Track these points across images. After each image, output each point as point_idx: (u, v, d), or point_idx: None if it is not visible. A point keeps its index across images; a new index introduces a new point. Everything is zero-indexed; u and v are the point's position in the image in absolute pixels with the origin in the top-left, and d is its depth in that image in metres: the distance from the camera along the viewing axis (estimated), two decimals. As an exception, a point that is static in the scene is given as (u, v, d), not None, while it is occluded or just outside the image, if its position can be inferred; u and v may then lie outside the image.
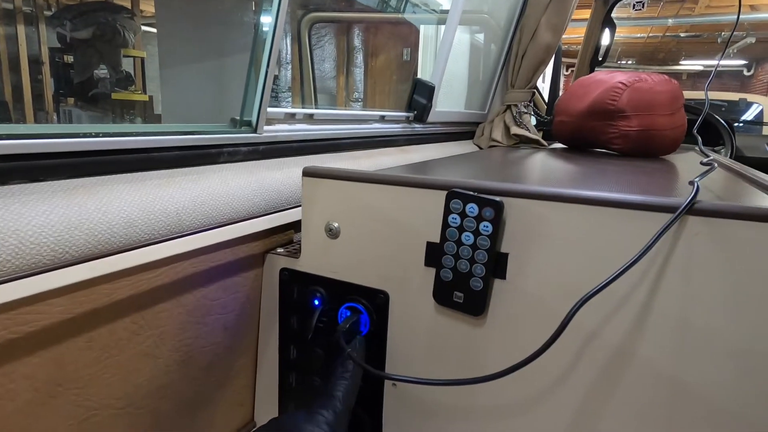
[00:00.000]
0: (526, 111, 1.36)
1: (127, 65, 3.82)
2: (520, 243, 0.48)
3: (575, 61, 2.19)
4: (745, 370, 0.41)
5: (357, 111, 0.84)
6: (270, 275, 0.62)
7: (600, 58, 2.25)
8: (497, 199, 0.46)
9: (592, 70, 2.26)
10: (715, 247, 0.41)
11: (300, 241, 0.68)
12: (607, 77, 1.15)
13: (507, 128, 1.35)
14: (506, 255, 0.48)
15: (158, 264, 0.48)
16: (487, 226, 0.47)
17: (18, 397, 0.39)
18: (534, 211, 0.46)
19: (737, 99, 4.71)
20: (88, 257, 0.41)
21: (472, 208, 0.47)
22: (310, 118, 0.74)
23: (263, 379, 0.66)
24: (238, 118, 0.63)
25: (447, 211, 0.49)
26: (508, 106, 1.38)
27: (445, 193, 0.49)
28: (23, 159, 0.41)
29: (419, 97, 1.02)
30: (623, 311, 0.44)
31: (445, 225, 0.49)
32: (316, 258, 0.59)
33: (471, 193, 0.47)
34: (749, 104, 4.85)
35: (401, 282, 0.54)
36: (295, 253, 0.61)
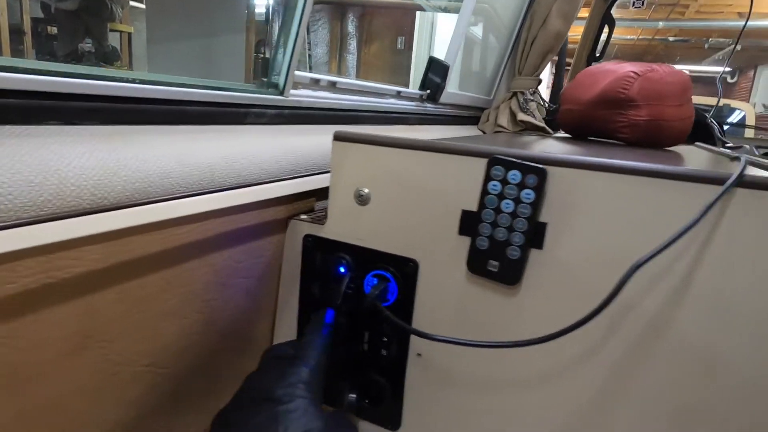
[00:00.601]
0: (532, 99, 1.36)
1: (113, 40, 3.72)
2: (560, 213, 0.47)
3: (570, 60, 2.20)
4: None
5: (376, 84, 0.83)
6: (292, 241, 0.61)
7: (597, 55, 2.27)
8: (542, 166, 0.46)
9: (589, 64, 2.28)
10: (761, 221, 0.41)
11: (324, 208, 0.67)
12: (615, 67, 1.15)
13: (513, 115, 1.35)
14: (545, 224, 0.48)
15: (189, 219, 0.47)
16: (529, 194, 0.47)
17: (49, 347, 0.37)
18: (576, 180, 0.46)
19: (722, 105, 4.84)
20: (125, 204, 0.39)
21: (514, 175, 0.47)
22: (332, 87, 0.73)
23: (279, 347, 0.64)
24: (265, 79, 0.61)
25: (487, 178, 0.48)
26: (515, 93, 1.38)
27: (484, 160, 0.49)
28: (59, 98, 0.39)
29: (434, 75, 1.01)
30: (663, 283, 0.44)
31: (485, 192, 0.49)
32: (343, 225, 0.58)
33: (514, 159, 0.47)
34: (732, 110, 4.97)
35: (432, 250, 0.54)
36: (320, 220, 0.60)
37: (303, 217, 0.62)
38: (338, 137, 0.56)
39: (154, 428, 0.49)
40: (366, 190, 0.56)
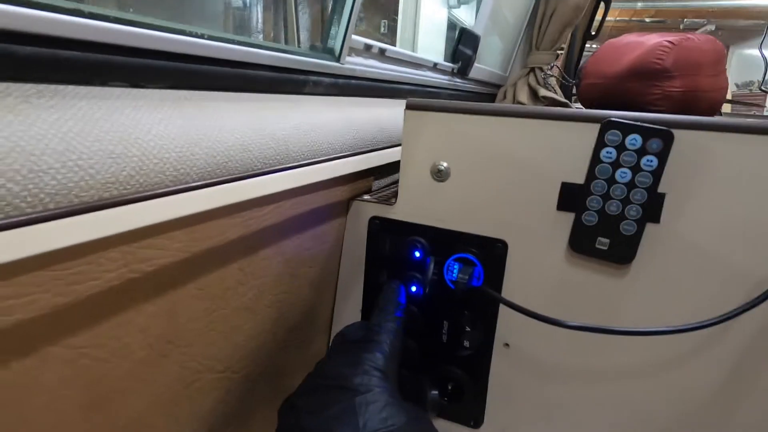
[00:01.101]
0: (552, 74, 1.31)
1: None
2: (680, 182, 0.42)
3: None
4: None
5: (415, 54, 0.76)
6: (355, 224, 0.55)
7: (593, 32, 2.23)
8: (667, 128, 0.41)
9: (584, 45, 2.25)
10: None
11: (383, 187, 0.61)
12: (642, 38, 1.11)
13: (533, 91, 1.30)
14: (663, 195, 0.43)
15: (266, 200, 0.40)
16: (650, 161, 0.41)
17: (132, 355, 0.31)
18: (704, 144, 0.41)
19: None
20: (209, 182, 0.33)
21: (633, 140, 0.42)
22: (381, 55, 0.66)
23: (339, 342, 0.59)
24: (319, 44, 0.54)
25: (600, 145, 0.43)
26: (532, 69, 1.33)
27: (595, 125, 0.43)
28: (124, 53, 0.32)
29: (464, 47, 0.95)
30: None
31: (596, 161, 0.43)
32: (418, 204, 0.52)
33: (634, 122, 0.42)
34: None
35: (524, 229, 0.48)
36: (388, 200, 0.54)
37: (366, 197, 0.56)
38: (412, 106, 0.50)
39: (225, 441, 0.43)
40: (445, 165, 0.50)
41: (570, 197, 0.46)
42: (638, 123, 0.41)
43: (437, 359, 0.54)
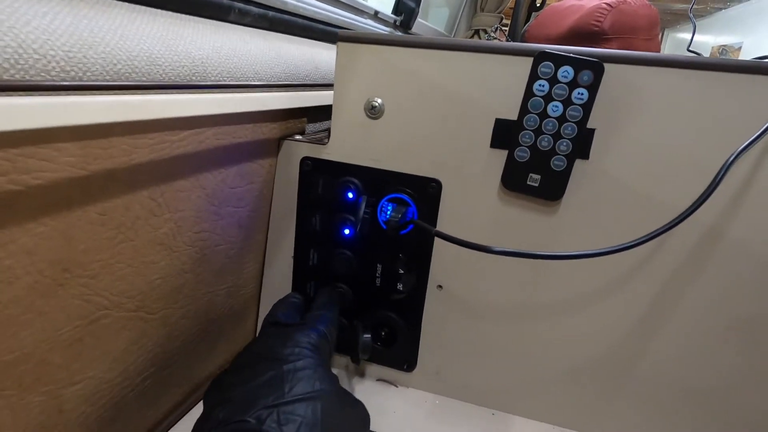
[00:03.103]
0: (495, 36, 1.31)
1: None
2: (608, 117, 0.43)
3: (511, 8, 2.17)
4: None
5: (357, -1, 0.73)
6: (286, 166, 0.52)
7: (538, 4, 2.26)
8: (598, 60, 0.41)
9: (529, 17, 2.27)
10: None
11: (317, 131, 0.58)
12: (582, 2, 1.13)
13: (477, 53, 1.30)
14: (593, 131, 0.43)
15: (181, 124, 0.37)
16: (581, 94, 0.41)
17: (17, 280, 0.27)
18: (633, 79, 0.41)
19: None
20: (106, 87, 0.29)
21: (565, 72, 0.41)
22: (316, -8, 0.63)
23: (270, 289, 0.56)
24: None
25: (533, 77, 0.42)
26: (476, 31, 1.32)
27: (528, 59, 0.43)
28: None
29: (407, -1, 0.93)
30: (721, 188, 0.41)
31: (529, 94, 0.43)
32: (352, 143, 0.50)
33: (567, 54, 0.41)
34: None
35: (458, 168, 0.47)
36: (320, 140, 0.52)
37: (298, 137, 0.53)
38: (345, 37, 0.47)
39: (143, 386, 0.41)
40: (379, 101, 0.48)
41: (503, 134, 0.45)
42: (570, 54, 0.41)
43: (371, 303, 0.53)
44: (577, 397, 0.49)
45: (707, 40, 5.52)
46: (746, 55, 4.56)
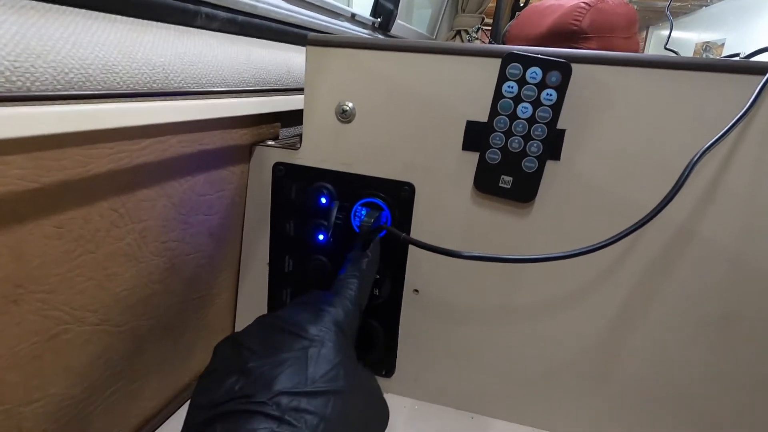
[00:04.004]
0: (477, 36, 1.31)
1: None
2: (578, 117, 0.42)
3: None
4: None
5: (331, 1, 0.72)
6: (259, 172, 0.52)
7: (522, 4, 2.27)
8: (565, 60, 0.40)
9: (513, 17, 2.28)
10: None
11: (291, 135, 0.58)
12: (562, 1, 1.13)
13: (458, 53, 1.29)
14: (563, 131, 0.43)
15: (143, 133, 0.36)
16: (550, 95, 0.41)
17: (-36, 298, 0.27)
18: (601, 79, 0.41)
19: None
20: (56, 96, 0.28)
21: (534, 73, 0.41)
22: (289, -5, 0.62)
23: (246, 297, 0.56)
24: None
25: (502, 79, 0.42)
26: (458, 32, 1.32)
27: (497, 60, 0.42)
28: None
29: (385, 1, 0.92)
30: (690, 187, 0.41)
31: (498, 96, 0.42)
32: (323, 148, 0.49)
33: (535, 55, 0.41)
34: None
35: (430, 171, 0.47)
36: (293, 145, 0.51)
37: (270, 143, 0.52)
38: (315, 41, 0.47)
39: (110, 400, 0.40)
40: (350, 105, 0.47)
41: (475, 136, 0.45)
42: (538, 55, 0.41)
43: None
44: (555, 398, 0.49)
45: (691, 37, 5.58)
46: (729, 50, 4.61)
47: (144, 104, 0.34)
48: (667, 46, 0.98)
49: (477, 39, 1.32)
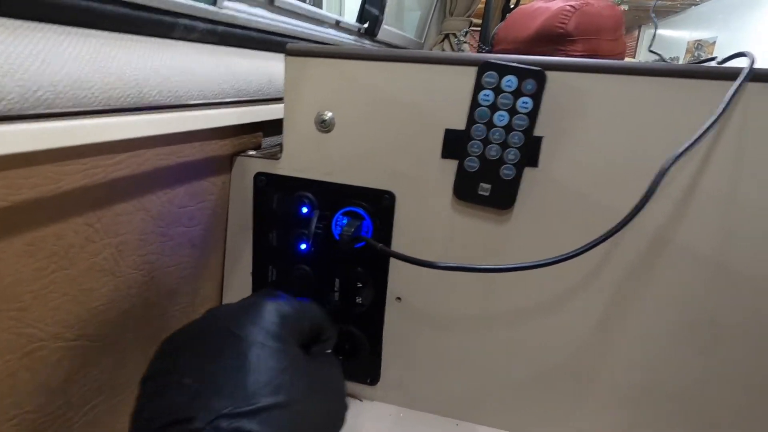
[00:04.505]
0: (465, 40, 1.31)
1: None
2: (554, 124, 0.43)
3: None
4: None
5: (313, 8, 0.73)
6: (240, 182, 0.52)
7: (512, 6, 2.28)
8: (540, 68, 0.41)
9: (503, 19, 2.29)
10: (770, 116, 0.39)
11: (273, 144, 0.58)
12: (549, 4, 1.14)
13: (447, 57, 1.30)
14: (540, 139, 0.43)
15: (117, 147, 0.36)
16: (526, 103, 0.41)
17: (-68, 319, 0.26)
18: (576, 86, 0.41)
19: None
20: (23, 115, 0.28)
21: (509, 82, 0.41)
22: (270, 4, 0.62)
23: (232, 308, 0.56)
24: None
25: (478, 87, 0.42)
26: (447, 35, 1.33)
27: (473, 68, 0.42)
28: None
29: (371, 6, 0.92)
30: (667, 193, 0.41)
31: (475, 104, 0.43)
32: (304, 158, 0.49)
33: (510, 63, 0.41)
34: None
35: (411, 179, 0.47)
36: (274, 155, 0.51)
37: (251, 153, 0.52)
38: (293, 51, 0.47)
39: (90, 415, 0.40)
40: (329, 114, 0.47)
41: (453, 144, 0.45)
42: (513, 64, 0.41)
43: (331, 318, 0.52)
44: (540, 404, 0.49)
45: (683, 35, 5.60)
46: (721, 48, 4.64)
47: (116, 119, 0.34)
48: (652, 49, 0.98)
49: (465, 42, 1.32)
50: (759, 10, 4.01)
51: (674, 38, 5.82)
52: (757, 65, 0.38)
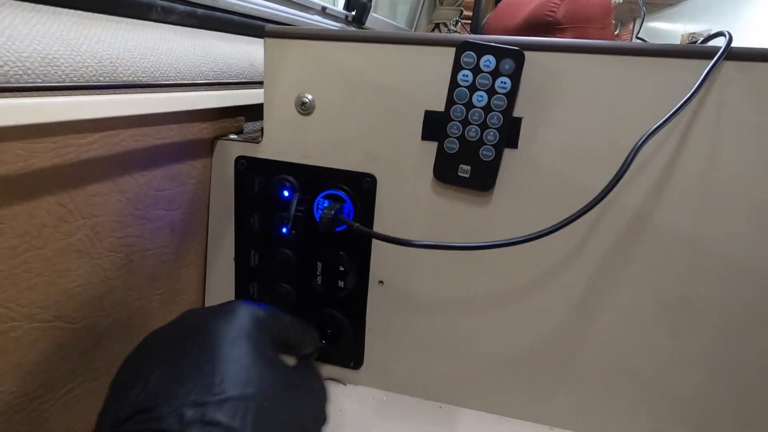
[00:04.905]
0: (455, 29, 1.31)
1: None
2: (533, 105, 0.43)
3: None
4: (765, 222, 0.40)
5: (300, -6, 0.72)
6: (221, 166, 0.51)
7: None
8: (518, 48, 0.40)
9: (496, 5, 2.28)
10: (747, 96, 0.39)
11: (256, 129, 0.57)
12: (538, -8, 1.13)
13: (437, 46, 1.29)
14: (520, 119, 0.43)
15: (90, 127, 0.36)
16: (504, 83, 0.41)
17: None
18: (554, 66, 0.41)
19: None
20: (-7, 95, 0.28)
21: (488, 62, 0.41)
22: (252, -12, 0.62)
23: (214, 293, 0.55)
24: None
25: (457, 68, 0.42)
26: (437, 25, 1.32)
27: (452, 49, 0.42)
28: None
29: (358, -6, 0.92)
30: (646, 170, 0.41)
31: (454, 85, 0.42)
32: (284, 141, 0.49)
33: (488, 43, 0.41)
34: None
35: (391, 162, 0.47)
36: (255, 139, 0.51)
37: (232, 136, 0.52)
38: (272, 33, 0.47)
39: (67, 398, 0.39)
40: (309, 97, 0.47)
41: (433, 125, 0.45)
42: (491, 43, 0.41)
43: (314, 302, 0.52)
44: (521, 385, 0.49)
45: (677, 28, 5.60)
46: (715, 41, 4.64)
47: (88, 98, 0.34)
48: (640, 36, 0.98)
49: (456, 31, 1.32)
50: (753, 2, 4.01)
51: (668, 31, 5.81)
52: (735, 44, 0.38)
